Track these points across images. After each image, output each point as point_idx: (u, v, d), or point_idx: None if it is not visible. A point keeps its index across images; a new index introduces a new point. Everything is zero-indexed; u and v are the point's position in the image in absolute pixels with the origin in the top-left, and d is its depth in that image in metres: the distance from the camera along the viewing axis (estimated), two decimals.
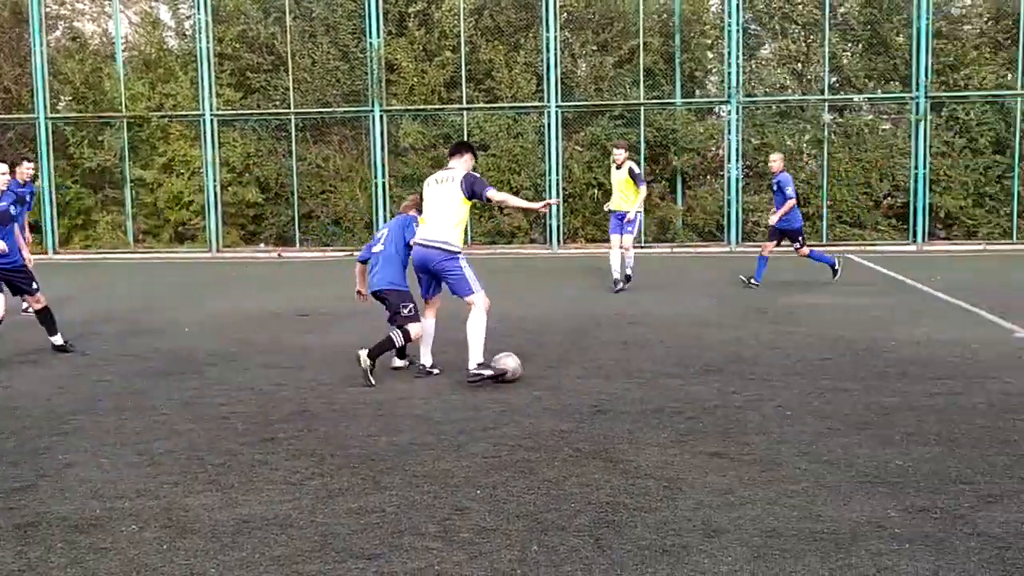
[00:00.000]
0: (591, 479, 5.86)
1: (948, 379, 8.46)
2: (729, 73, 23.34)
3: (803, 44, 24.02)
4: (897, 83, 23.44)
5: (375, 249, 9.32)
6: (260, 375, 9.17)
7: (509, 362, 8.64)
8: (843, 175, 23.18)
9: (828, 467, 6.01)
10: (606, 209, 16.06)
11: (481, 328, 8.60)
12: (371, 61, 23.85)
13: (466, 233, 23.23)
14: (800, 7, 23.59)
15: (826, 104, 23.57)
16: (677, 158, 23.45)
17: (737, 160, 23.32)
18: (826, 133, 23.33)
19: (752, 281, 15.48)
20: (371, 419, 7.41)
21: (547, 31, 23.36)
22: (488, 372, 8.51)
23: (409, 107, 24.02)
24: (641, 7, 23.49)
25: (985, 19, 23.64)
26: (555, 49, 23.41)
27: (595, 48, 24.19)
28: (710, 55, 24.42)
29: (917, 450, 6.34)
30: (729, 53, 23.29)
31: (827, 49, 23.26)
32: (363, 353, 8.61)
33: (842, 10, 23.90)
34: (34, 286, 10.52)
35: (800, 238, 15.58)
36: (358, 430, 7.09)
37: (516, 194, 23.71)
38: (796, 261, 19.77)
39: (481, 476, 5.95)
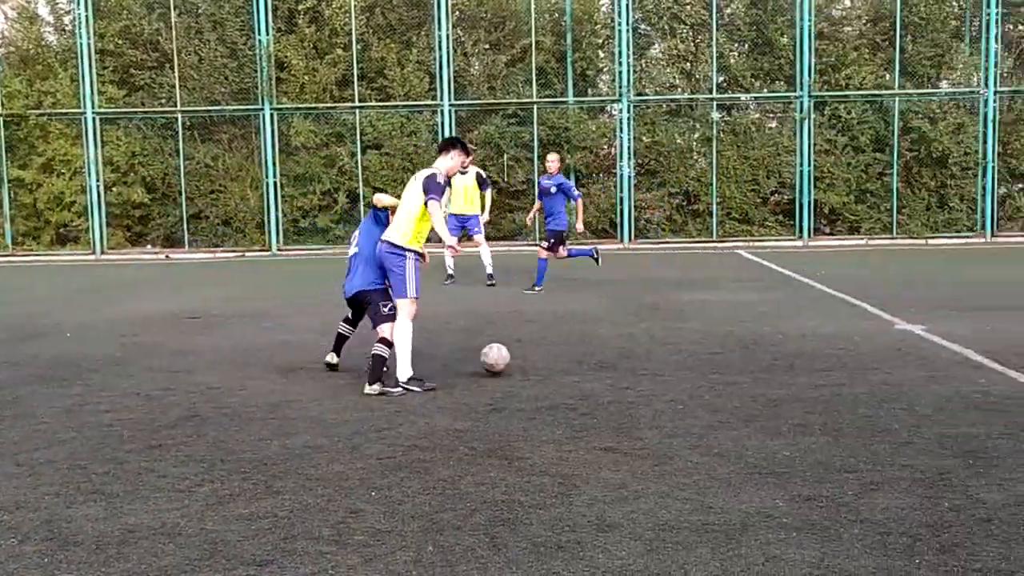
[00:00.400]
0: (486, 477, 5.85)
1: (833, 371, 8.69)
2: (620, 72, 23.64)
3: (691, 44, 24.46)
4: (782, 82, 24.05)
5: (351, 252, 8.91)
6: (147, 380, 8.92)
7: (491, 354, 8.76)
8: (732, 172, 23.69)
9: (719, 459, 6.12)
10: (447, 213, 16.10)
11: (407, 336, 8.27)
12: (260, 59, 23.48)
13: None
14: (688, 7, 24.02)
15: (714, 103, 24.05)
16: (570, 156, 23.64)
17: (629, 158, 23.63)
18: (715, 131, 23.80)
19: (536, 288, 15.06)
20: (263, 423, 7.28)
21: (439, 29, 23.32)
22: (416, 388, 8.16)
23: (300, 105, 23.71)
24: (532, 6, 23.62)
25: (864, 21, 24.42)
26: (448, 47, 23.39)
27: (487, 47, 24.24)
28: (601, 54, 24.70)
29: (804, 441, 6.49)
30: (620, 52, 23.59)
31: (715, 49, 23.74)
32: (367, 388, 8.11)
33: (728, 11, 24.42)
34: None
35: (563, 240, 15.05)
36: (249, 434, 6.95)
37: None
38: (685, 259, 20.14)
39: (376, 477, 5.89)
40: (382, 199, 8.93)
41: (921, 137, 23.41)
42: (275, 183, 23.71)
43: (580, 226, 15.75)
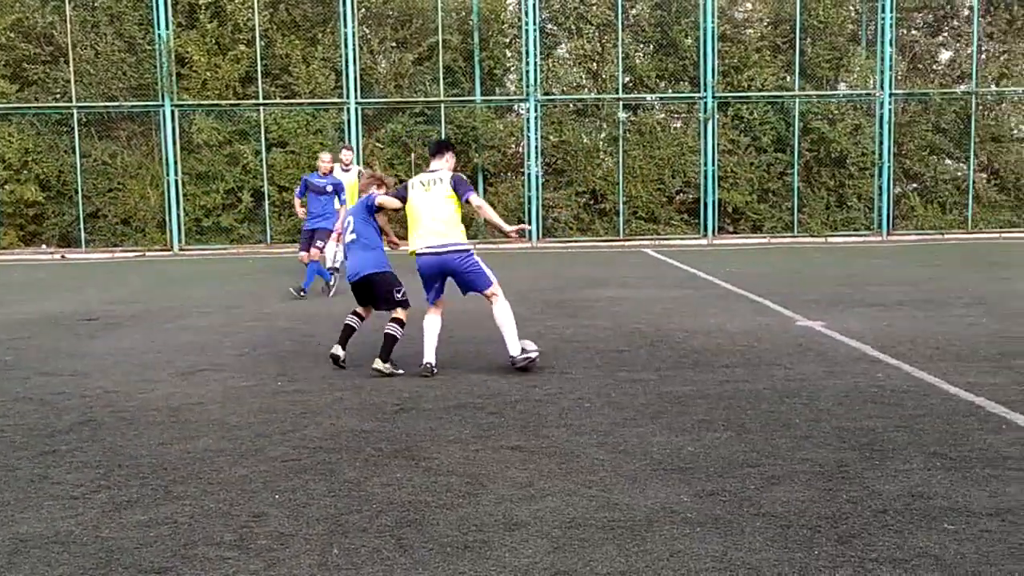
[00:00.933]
0: (393, 478, 5.79)
1: (736, 367, 8.83)
2: (527, 72, 23.71)
3: (598, 44, 24.67)
4: (686, 83, 24.41)
5: (347, 239, 9.08)
6: (40, 384, 8.63)
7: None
8: (638, 172, 23.96)
9: (625, 456, 6.16)
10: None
11: (511, 314, 8.84)
12: (160, 54, 22.95)
13: (265, 232, 22.71)
14: (594, 8, 24.22)
15: (620, 103, 24.28)
16: (478, 155, 23.64)
17: (537, 157, 23.71)
18: (621, 131, 24.03)
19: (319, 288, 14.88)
20: (163, 427, 7.10)
21: (345, 26, 23.10)
22: (534, 352, 8.71)
23: (202, 102, 23.25)
24: (439, 5, 23.55)
25: (765, 24, 24.92)
26: (354, 45, 23.18)
27: (394, 45, 24.10)
28: (508, 53, 24.75)
29: (708, 436, 6.58)
30: (527, 52, 23.66)
31: (620, 50, 23.97)
32: (378, 363, 8.64)
33: (634, 12, 24.68)
34: None
35: (322, 242, 14.62)
36: (149, 438, 6.77)
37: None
38: (593, 257, 20.30)
39: (280, 480, 5.79)
40: (388, 202, 9.04)
41: (820, 138, 23.98)
42: (176, 181, 23.22)
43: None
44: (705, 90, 23.83)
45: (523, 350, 8.75)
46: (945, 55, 26.04)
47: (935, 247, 21.84)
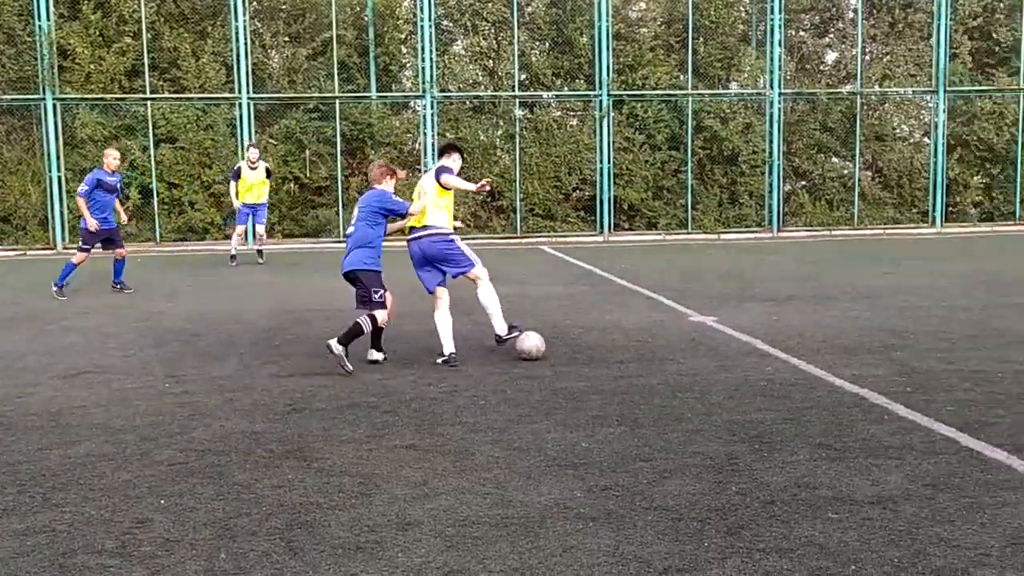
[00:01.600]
0: (284, 480, 5.69)
1: (631, 362, 8.92)
2: (423, 68, 23.59)
3: (494, 41, 24.68)
4: (582, 81, 24.58)
5: (348, 231, 9.24)
6: None
7: (531, 341, 9.14)
8: (534, 169, 24.04)
9: (519, 453, 6.16)
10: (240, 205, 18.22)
11: (495, 295, 9.38)
12: (41, 46, 22.16)
13: (154, 229, 22.14)
14: (490, 5, 24.21)
15: (517, 100, 24.34)
16: (374, 152, 23.43)
17: (434, 154, 23.59)
18: (518, 128, 24.10)
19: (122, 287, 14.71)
20: (43, 432, 6.84)
21: (236, 20, 22.63)
22: (516, 330, 9.31)
23: (86, 96, 22.53)
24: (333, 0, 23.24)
25: (659, 23, 25.25)
26: (245, 39, 22.72)
27: (287, 39, 23.72)
28: (404, 50, 24.57)
29: (602, 432, 6.62)
30: (422, 48, 23.54)
31: (516, 47, 24.02)
32: (333, 342, 8.61)
33: (529, 9, 24.76)
34: None
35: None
36: (27, 444, 6.52)
37: (208, 189, 22.90)
38: (490, 255, 20.32)
39: (167, 484, 5.64)
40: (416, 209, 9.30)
41: (713, 136, 24.39)
42: (59, 178, 22.44)
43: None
44: (600, 88, 24.04)
45: (511, 327, 9.37)
46: (831, 56, 26.74)
47: (823, 243, 22.43)
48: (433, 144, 23.50)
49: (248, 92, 22.86)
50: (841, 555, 4.46)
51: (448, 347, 9.11)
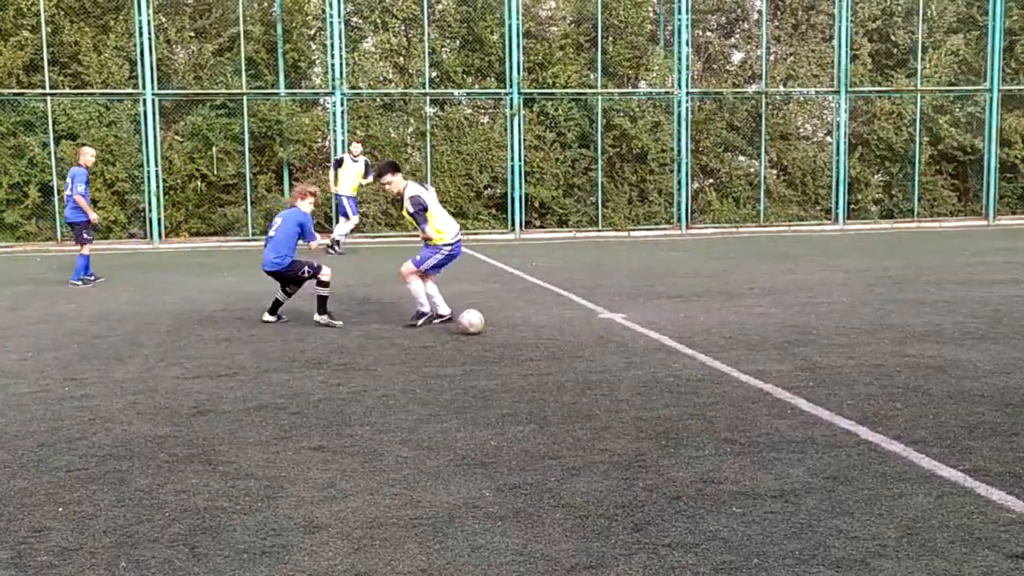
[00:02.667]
0: (188, 484, 5.58)
1: (540, 360, 8.96)
2: (333, 65, 23.36)
3: (404, 39, 24.56)
4: (493, 79, 24.60)
5: (270, 234, 11.20)
6: None
7: (470, 318, 10.37)
8: (446, 167, 23.99)
9: (428, 452, 6.14)
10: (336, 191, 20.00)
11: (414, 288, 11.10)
12: None
13: (55, 228, 21.52)
14: (400, 2, 24.08)
15: (427, 98, 24.26)
16: (283, 149, 23.14)
17: (344, 152, 23.39)
18: (428, 126, 24.02)
19: (90, 280, 15.27)
20: None
21: (139, 14, 22.11)
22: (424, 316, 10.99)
23: None
24: None
25: (568, 22, 25.40)
26: (149, 34, 22.21)
27: (193, 35, 23.27)
28: (313, 46, 24.30)
29: (511, 430, 6.64)
30: (332, 45, 23.31)
31: (427, 44, 23.94)
32: (316, 317, 11.02)
33: (439, 7, 24.69)
34: None
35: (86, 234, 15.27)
36: None
37: (111, 187, 22.38)
38: (401, 253, 20.26)
39: (65, 492, 5.49)
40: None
41: (622, 134, 24.63)
42: None
43: (95, 217, 15.82)
44: (511, 86, 24.09)
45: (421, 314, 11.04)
46: (737, 56, 27.21)
47: (730, 240, 22.81)
48: (344, 141, 23.29)
49: (153, 88, 22.37)
50: (744, 548, 4.55)
51: (442, 308, 10.95)
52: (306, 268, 11.06)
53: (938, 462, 5.75)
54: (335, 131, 23.43)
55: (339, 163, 20.20)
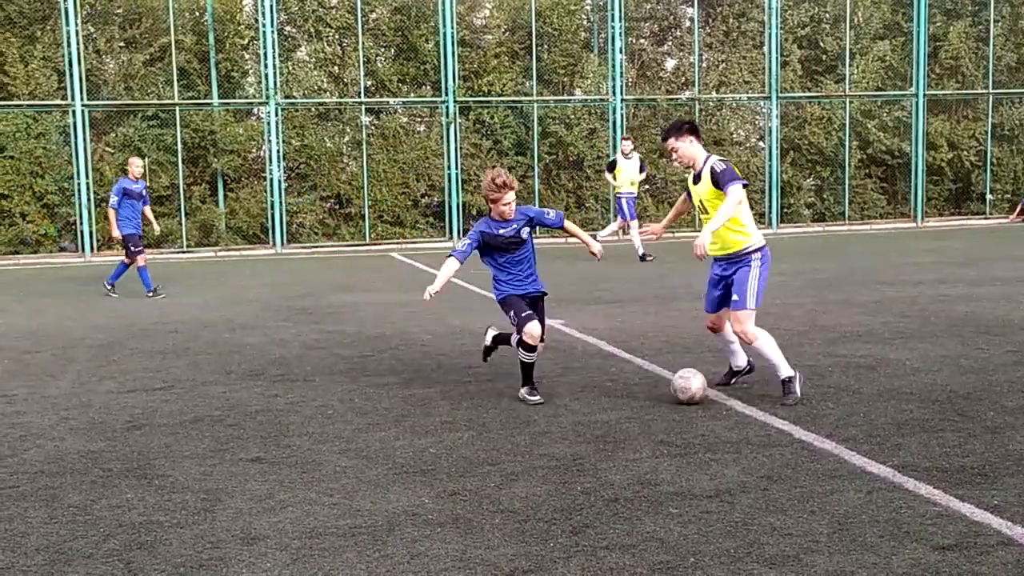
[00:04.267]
0: (123, 500, 5.51)
1: (479, 367, 8.98)
2: (266, 75, 23.19)
3: (338, 48, 24.46)
4: (428, 88, 24.61)
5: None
6: None
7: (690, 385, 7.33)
8: (383, 176, 23.93)
9: (367, 462, 6.13)
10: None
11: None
12: None
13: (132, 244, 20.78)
14: (333, 11, 23.99)
15: (363, 107, 24.19)
16: (217, 160, 22.91)
17: (279, 162, 23.24)
18: (364, 135, 23.94)
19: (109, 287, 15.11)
20: None
21: (67, 24, 21.76)
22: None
23: None
24: (171, 4, 22.59)
25: (503, 30, 25.49)
26: (78, 44, 21.87)
27: (123, 44, 22.96)
28: (246, 56, 24.10)
29: (450, 437, 6.65)
30: (265, 54, 23.14)
31: (362, 54, 23.87)
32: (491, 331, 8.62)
33: (374, 16, 24.63)
34: None
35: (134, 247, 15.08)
36: None
37: (40, 200, 22.00)
38: (339, 263, 20.22)
39: None
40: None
41: (559, 141, 24.78)
42: None
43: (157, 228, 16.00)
44: (446, 95, 24.12)
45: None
46: (670, 63, 27.54)
47: (663, 245, 23.01)
48: (279, 151, 23.10)
49: (82, 99, 22.01)
50: (681, 548, 4.61)
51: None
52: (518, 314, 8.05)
53: (868, 459, 5.88)
54: (270, 141, 23.25)
55: (612, 166, 19.69)
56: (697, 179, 7.43)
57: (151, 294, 14.68)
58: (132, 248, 15.01)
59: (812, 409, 7.10)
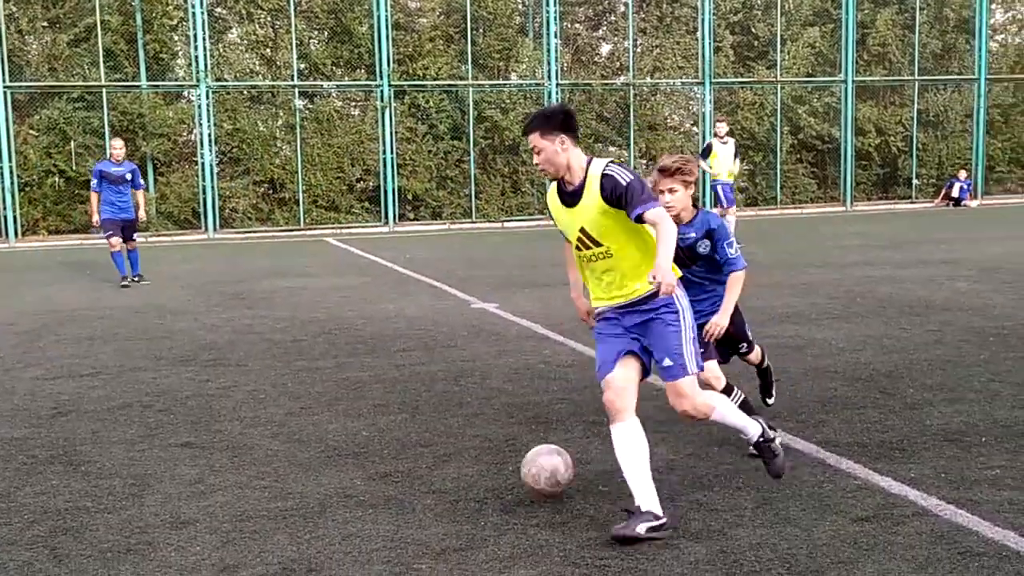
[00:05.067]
0: (48, 486, 5.44)
1: (413, 351, 8.98)
2: (196, 56, 22.84)
3: (271, 30, 24.18)
4: (363, 71, 24.45)
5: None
6: None
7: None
8: (317, 160, 23.74)
9: (299, 445, 6.12)
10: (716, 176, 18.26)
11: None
12: None
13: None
14: None
15: (296, 90, 23.95)
16: (147, 143, 22.53)
17: (210, 146, 22.93)
18: (298, 119, 23.72)
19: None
20: None
21: None
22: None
23: None
24: None
25: (438, 14, 25.40)
26: None
27: (46, 24, 22.45)
28: (176, 37, 23.70)
29: (383, 420, 6.66)
30: (195, 36, 22.78)
31: (294, 36, 23.61)
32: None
33: None
34: None
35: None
36: None
37: None
38: (272, 248, 20.06)
39: None
40: None
41: (494, 126, 24.78)
42: None
43: (143, 215, 14.96)
44: (381, 78, 23.98)
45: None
46: (605, 48, 27.68)
47: None
48: (211, 135, 22.79)
49: (4, 80, 21.50)
50: (609, 524, 4.68)
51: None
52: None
53: (793, 435, 6.00)
54: (201, 124, 22.93)
55: (707, 151, 18.25)
56: (572, 197, 4.85)
57: (125, 282, 14.04)
58: (103, 232, 14.44)
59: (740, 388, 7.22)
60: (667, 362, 4.84)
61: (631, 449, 4.76)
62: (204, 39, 22.77)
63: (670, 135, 26.73)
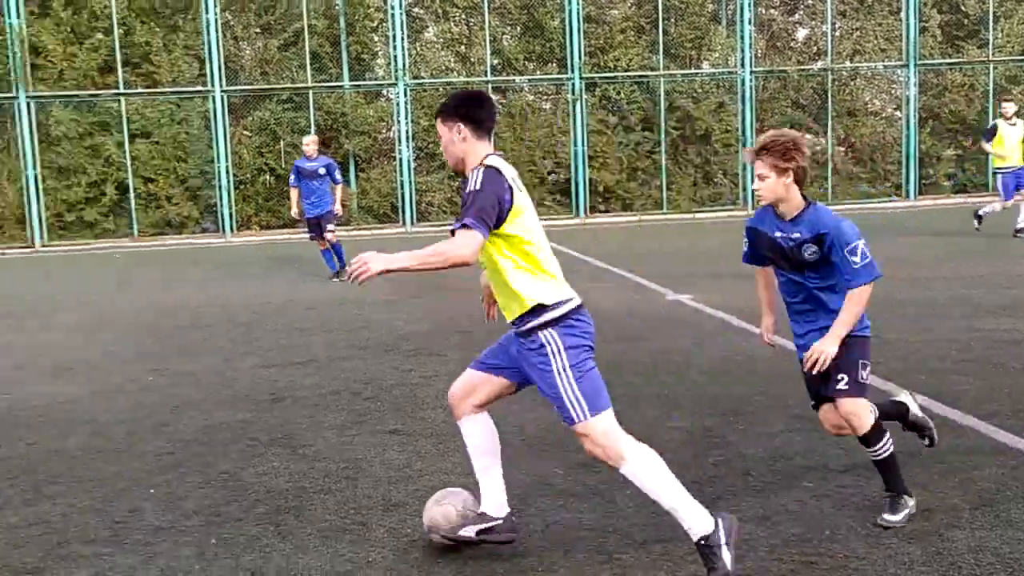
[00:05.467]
0: (270, 467, 5.78)
1: (611, 342, 8.96)
2: (395, 56, 23.59)
3: (465, 27, 24.71)
4: (554, 65, 24.65)
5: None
6: None
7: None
8: (509, 154, 24.08)
9: (501, 435, 6.25)
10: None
11: None
12: (12, 43, 22.03)
13: (131, 224, 21.95)
14: None
15: (490, 85, 24.38)
16: (349, 141, 23.45)
17: (408, 142, 23.65)
18: None
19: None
20: (30, 427, 6.91)
21: (206, 12, 22.56)
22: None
23: (59, 93, 22.44)
24: None
25: (629, 5, 25.33)
26: (217, 31, 22.66)
27: (259, 31, 23.69)
28: (376, 38, 24.57)
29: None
30: (394, 36, 23.53)
31: (488, 32, 24.05)
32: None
33: None
34: None
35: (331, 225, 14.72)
36: (17, 437, 6.60)
37: (184, 183, 22.90)
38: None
39: (155, 475, 5.72)
40: None
41: (686, 116, 24.53)
42: (36, 176, 22.36)
43: (339, 208, 15.13)
44: (572, 71, 24.12)
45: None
46: (802, 33, 26.93)
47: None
48: (408, 132, 23.51)
49: (221, 85, 22.82)
50: (815, 521, 4.59)
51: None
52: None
53: (1015, 435, 5.72)
54: (399, 121, 23.67)
55: (992, 132, 16.25)
56: None
57: (336, 274, 14.32)
58: (308, 232, 14.83)
59: (953, 384, 6.93)
60: (556, 406, 4.44)
61: None
62: (402, 39, 23.50)
63: (871, 121, 25.76)
